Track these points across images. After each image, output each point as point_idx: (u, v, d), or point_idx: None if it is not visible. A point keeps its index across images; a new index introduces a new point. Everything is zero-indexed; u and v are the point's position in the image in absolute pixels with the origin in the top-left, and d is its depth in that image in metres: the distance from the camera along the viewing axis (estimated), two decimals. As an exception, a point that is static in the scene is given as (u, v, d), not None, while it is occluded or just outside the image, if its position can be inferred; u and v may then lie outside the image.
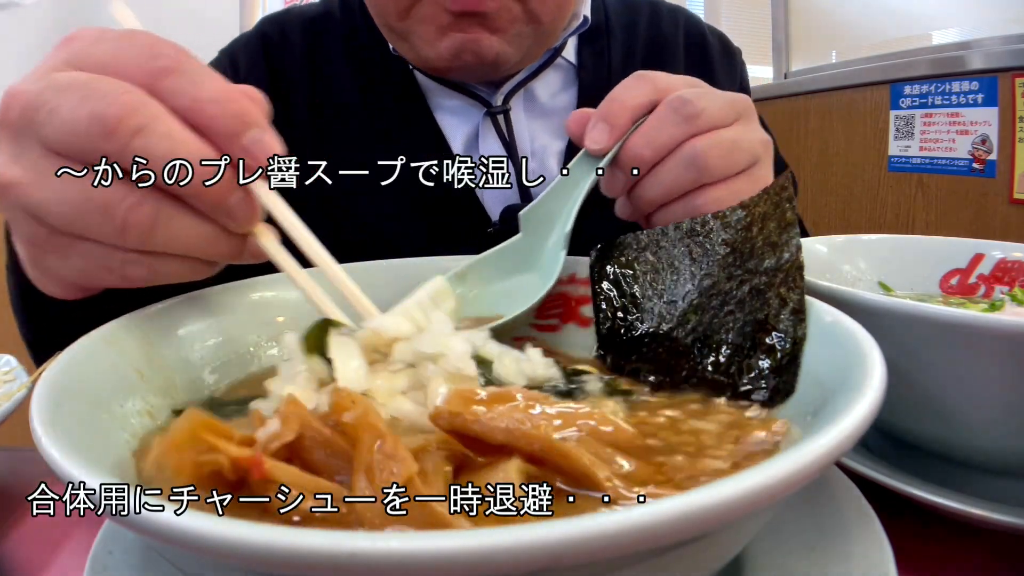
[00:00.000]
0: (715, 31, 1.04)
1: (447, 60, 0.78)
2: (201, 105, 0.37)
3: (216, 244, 0.40)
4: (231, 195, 0.39)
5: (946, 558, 0.45)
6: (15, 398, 0.57)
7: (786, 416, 0.38)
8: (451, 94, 0.88)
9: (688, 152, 0.52)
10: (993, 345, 0.41)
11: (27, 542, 0.50)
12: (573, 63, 0.93)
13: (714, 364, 0.44)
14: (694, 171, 0.52)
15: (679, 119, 0.52)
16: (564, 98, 0.92)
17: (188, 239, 0.39)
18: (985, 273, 0.66)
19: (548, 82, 0.91)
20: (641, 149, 0.53)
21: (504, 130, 0.86)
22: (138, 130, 0.35)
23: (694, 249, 0.49)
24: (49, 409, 0.32)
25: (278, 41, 0.93)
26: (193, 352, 0.48)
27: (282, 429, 0.31)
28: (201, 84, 0.37)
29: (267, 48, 0.92)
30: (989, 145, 2.01)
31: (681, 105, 0.52)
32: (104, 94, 0.35)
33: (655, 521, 0.21)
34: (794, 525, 0.38)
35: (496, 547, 0.20)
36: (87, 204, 0.37)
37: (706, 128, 0.53)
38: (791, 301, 0.42)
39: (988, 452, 0.47)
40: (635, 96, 0.54)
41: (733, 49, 1.04)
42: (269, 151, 0.39)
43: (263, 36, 0.93)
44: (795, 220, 0.45)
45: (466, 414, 0.31)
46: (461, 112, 0.89)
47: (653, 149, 0.53)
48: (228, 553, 0.21)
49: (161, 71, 0.37)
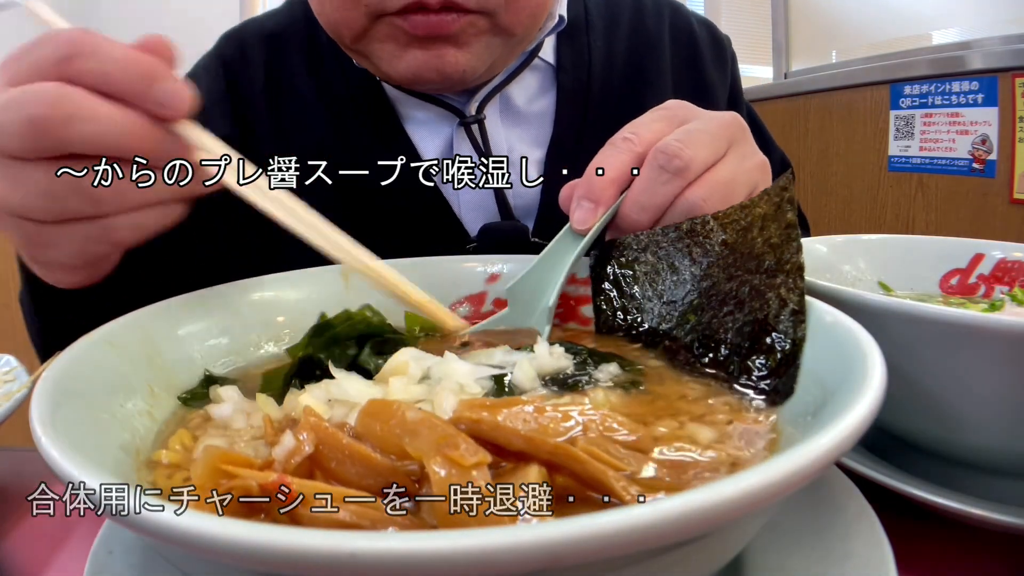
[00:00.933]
0: (702, 20, 0.99)
1: (408, 79, 0.74)
2: (108, 76, 0.41)
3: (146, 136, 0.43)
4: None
5: (946, 558, 0.45)
6: (15, 398, 0.57)
7: (786, 416, 0.38)
8: (421, 105, 0.83)
9: (684, 208, 0.50)
10: (993, 345, 0.41)
11: (27, 542, 0.50)
12: (551, 64, 0.87)
13: (713, 364, 0.44)
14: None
15: (667, 177, 0.50)
16: (543, 103, 0.86)
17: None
18: (985, 273, 0.66)
19: (525, 85, 0.86)
20: (637, 215, 0.52)
21: (479, 140, 0.81)
22: (67, 120, 0.40)
23: (694, 250, 0.49)
24: (49, 409, 0.32)
25: (237, 58, 0.88)
26: (193, 352, 0.48)
27: (299, 444, 0.31)
28: (103, 58, 0.41)
29: (226, 67, 0.88)
30: (989, 145, 2.01)
31: (667, 161, 0.50)
32: (31, 98, 0.40)
33: (655, 521, 0.21)
34: (794, 525, 0.38)
35: (496, 547, 0.20)
36: (59, 189, 0.41)
37: (698, 174, 0.51)
38: (791, 302, 0.42)
39: (988, 452, 0.47)
40: (616, 166, 0.52)
41: (722, 38, 0.99)
42: (180, 99, 0.43)
43: (221, 56, 0.89)
44: (795, 221, 0.45)
45: (484, 422, 0.31)
46: (432, 123, 0.84)
47: (649, 213, 0.51)
48: (228, 553, 0.21)
49: (66, 58, 0.41)
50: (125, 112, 0.42)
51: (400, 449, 0.31)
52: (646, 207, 0.51)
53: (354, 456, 0.31)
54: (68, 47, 0.41)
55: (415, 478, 0.31)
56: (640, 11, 0.94)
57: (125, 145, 0.42)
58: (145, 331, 0.45)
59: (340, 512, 0.28)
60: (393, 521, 0.28)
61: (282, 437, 0.32)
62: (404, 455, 0.31)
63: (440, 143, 0.83)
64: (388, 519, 0.28)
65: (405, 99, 0.83)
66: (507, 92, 0.84)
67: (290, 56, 0.88)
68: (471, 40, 0.72)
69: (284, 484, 0.28)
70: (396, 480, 0.31)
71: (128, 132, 0.41)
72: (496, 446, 0.31)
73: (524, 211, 0.84)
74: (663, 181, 0.50)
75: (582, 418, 0.33)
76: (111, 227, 0.44)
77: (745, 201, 0.48)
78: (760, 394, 0.41)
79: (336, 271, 0.58)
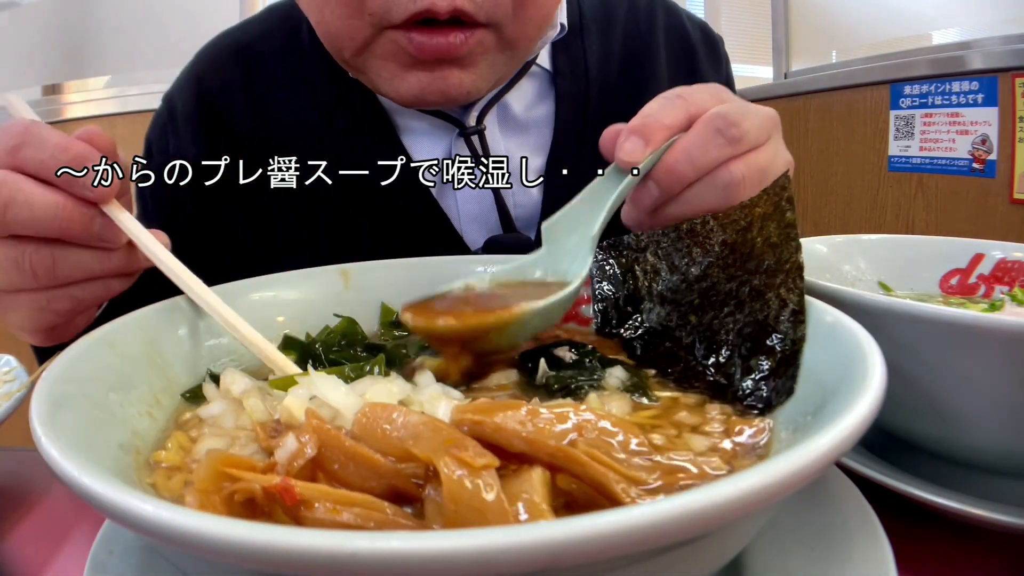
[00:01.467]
0: (694, 19, 0.98)
1: (409, 101, 0.71)
2: (45, 165, 0.47)
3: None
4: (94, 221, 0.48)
5: (946, 558, 0.45)
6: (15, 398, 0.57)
7: (786, 416, 0.38)
8: (419, 116, 0.80)
9: (724, 178, 0.50)
10: (993, 345, 0.41)
11: (27, 542, 0.50)
12: (548, 70, 0.86)
13: (714, 365, 0.44)
14: (723, 198, 0.50)
15: (723, 141, 0.50)
16: (541, 110, 0.85)
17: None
18: (985, 273, 0.66)
19: (523, 93, 0.84)
20: (683, 167, 0.51)
21: (480, 151, 0.79)
22: (5, 206, 0.46)
23: (694, 250, 0.49)
24: (49, 409, 0.32)
25: (211, 75, 0.86)
26: (193, 352, 0.48)
27: (301, 446, 0.31)
28: (43, 147, 0.47)
29: (200, 86, 0.86)
30: (989, 145, 2.00)
31: (726, 127, 0.50)
32: None
33: (655, 521, 0.21)
34: (794, 525, 0.38)
35: (496, 547, 0.20)
36: (1, 263, 0.48)
37: (745, 151, 0.51)
38: (791, 302, 0.42)
39: (988, 452, 0.47)
40: (671, 115, 0.52)
41: (715, 37, 0.98)
42: (105, 196, 0.48)
43: (195, 75, 0.87)
44: (795, 221, 0.45)
45: (487, 424, 0.31)
46: (430, 134, 0.81)
47: (695, 169, 0.51)
48: (228, 553, 0.21)
49: (15, 148, 0.47)
50: (57, 197, 0.47)
51: (402, 451, 0.31)
52: (695, 163, 0.51)
53: (357, 458, 0.31)
54: (17, 138, 0.47)
55: (418, 480, 0.31)
56: (634, 11, 0.93)
57: (56, 228, 0.47)
58: (145, 331, 0.45)
59: (344, 515, 0.28)
60: (397, 524, 0.28)
61: (284, 440, 0.32)
62: (406, 457, 0.31)
63: (439, 154, 0.81)
64: (392, 522, 0.28)
65: (402, 109, 0.80)
66: (505, 100, 0.82)
67: (270, 68, 0.85)
68: (477, 60, 0.69)
69: (287, 488, 0.28)
70: (399, 483, 0.31)
71: (58, 216, 0.47)
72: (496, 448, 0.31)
73: (526, 222, 0.82)
74: (717, 144, 0.50)
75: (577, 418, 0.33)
76: (51, 298, 0.50)
77: (745, 201, 0.48)
78: (759, 397, 0.41)
79: (336, 271, 0.58)
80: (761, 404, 0.40)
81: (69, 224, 0.47)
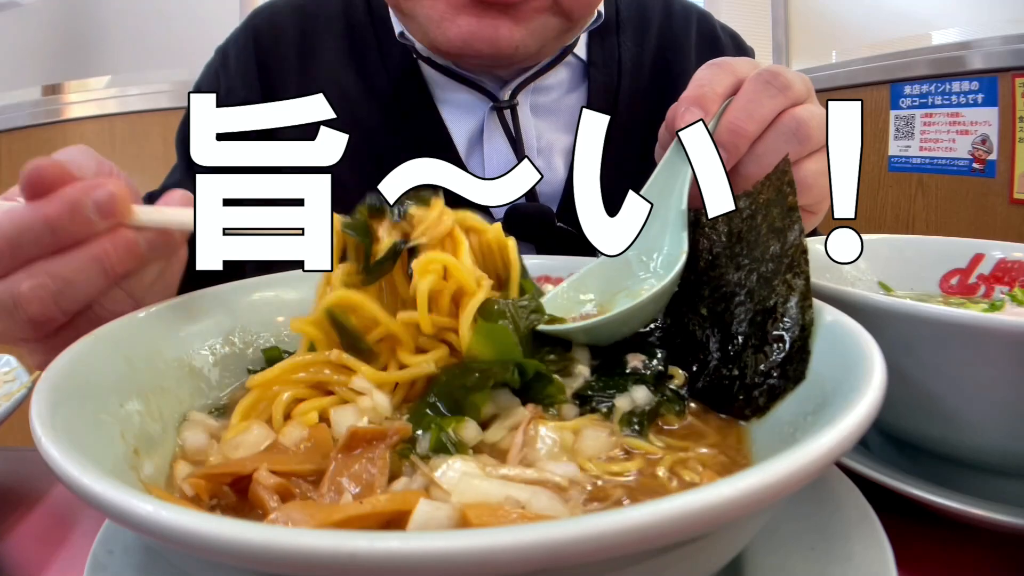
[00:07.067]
0: (727, 29, 1.02)
1: (457, 47, 0.70)
2: (41, 243, 0.42)
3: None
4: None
5: (946, 558, 0.45)
6: (15, 398, 0.57)
7: (786, 416, 0.38)
8: (457, 87, 0.84)
9: (790, 123, 0.51)
10: (993, 345, 0.41)
11: (27, 542, 0.50)
12: (583, 60, 0.90)
13: (725, 356, 0.44)
14: (796, 142, 0.51)
15: (774, 91, 0.51)
16: (573, 97, 0.89)
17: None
18: (985, 273, 0.66)
19: (557, 79, 0.88)
20: (743, 123, 0.51)
21: (511, 126, 0.83)
22: (54, 300, 0.42)
23: (700, 241, 0.49)
24: (49, 409, 0.32)
25: (267, 31, 0.90)
26: (194, 352, 0.48)
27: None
28: (22, 234, 0.43)
29: (257, 40, 0.89)
30: (989, 145, 2.00)
31: (772, 78, 0.52)
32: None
33: (655, 521, 0.21)
34: (794, 525, 0.38)
35: (496, 547, 0.20)
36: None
37: (796, 101, 0.52)
38: (797, 287, 0.42)
39: (988, 452, 0.47)
40: (723, 82, 0.53)
41: (746, 48, 1.02)
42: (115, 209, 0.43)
43: (252, 28, 0.91)
44: (796, 204, 0.45)
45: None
46: (466, 106, 0.85)
47: (756, 122, 0.52)
48: (228, 553, 0.21)
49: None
50: (83, 254, 0.43)
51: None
52: (753, 115, 0.52)
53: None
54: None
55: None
56: (669, 16, 0.97)
57: (114, 277, 0.44)
58: (145, 331, 0.45)
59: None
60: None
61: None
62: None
63: (472, 126, 0.85)
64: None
65: (441, 80, 0.84)
66: (539, 84, 0.86)
67: (323, 28, 0.89)
68: (530, 16, 0.70)
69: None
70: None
71: (104, 268, 0.43)
72: None
73: (548, 198, 0.85)
74: (770, 95, 0.52)
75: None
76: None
77: (749, 189, 0.48)
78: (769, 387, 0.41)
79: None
80: (768, 396, 0.40)
81: (118, 265, 0.43)
